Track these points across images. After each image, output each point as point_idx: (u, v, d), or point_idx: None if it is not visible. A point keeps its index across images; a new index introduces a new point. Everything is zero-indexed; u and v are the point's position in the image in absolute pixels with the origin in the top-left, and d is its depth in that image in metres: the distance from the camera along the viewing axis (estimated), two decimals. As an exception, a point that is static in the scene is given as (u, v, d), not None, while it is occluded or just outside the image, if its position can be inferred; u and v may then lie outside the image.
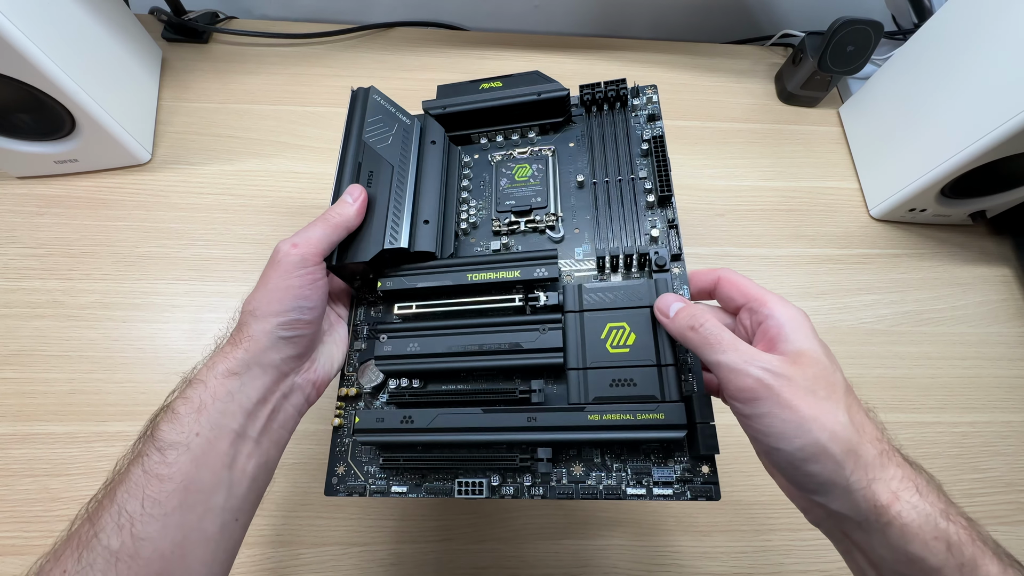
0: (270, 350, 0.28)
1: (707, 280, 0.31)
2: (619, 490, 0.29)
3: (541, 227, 0.36)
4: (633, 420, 0.28)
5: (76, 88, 0.45)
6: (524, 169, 0.38)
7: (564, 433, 0.29)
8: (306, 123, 0.59)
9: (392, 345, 0.32)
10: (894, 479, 0.22)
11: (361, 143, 0.35)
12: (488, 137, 0.40)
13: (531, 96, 0.37)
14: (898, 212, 0.58)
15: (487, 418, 0.30)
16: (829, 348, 0.26)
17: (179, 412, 0.26)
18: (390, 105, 0.37)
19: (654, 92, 0.39)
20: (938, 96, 0.52)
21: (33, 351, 0.47)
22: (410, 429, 0.30)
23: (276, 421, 0.29)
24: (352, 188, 0.33)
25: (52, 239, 0.51)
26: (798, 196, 0.60)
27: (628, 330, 0.31)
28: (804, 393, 0.23)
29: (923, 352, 0.54)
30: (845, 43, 0.58)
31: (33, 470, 0.43)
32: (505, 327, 0.31)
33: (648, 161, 0.36)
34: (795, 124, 0.65)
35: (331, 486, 0.33)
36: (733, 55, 0.70)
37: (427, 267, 0.33)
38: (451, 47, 0.66)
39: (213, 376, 0.27)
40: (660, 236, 0.34)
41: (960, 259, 0.59)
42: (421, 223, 0.34)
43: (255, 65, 0.62)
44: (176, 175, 0.55)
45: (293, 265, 0.29)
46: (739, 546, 0.45)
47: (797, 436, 0.23)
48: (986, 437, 0.51)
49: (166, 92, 0.59)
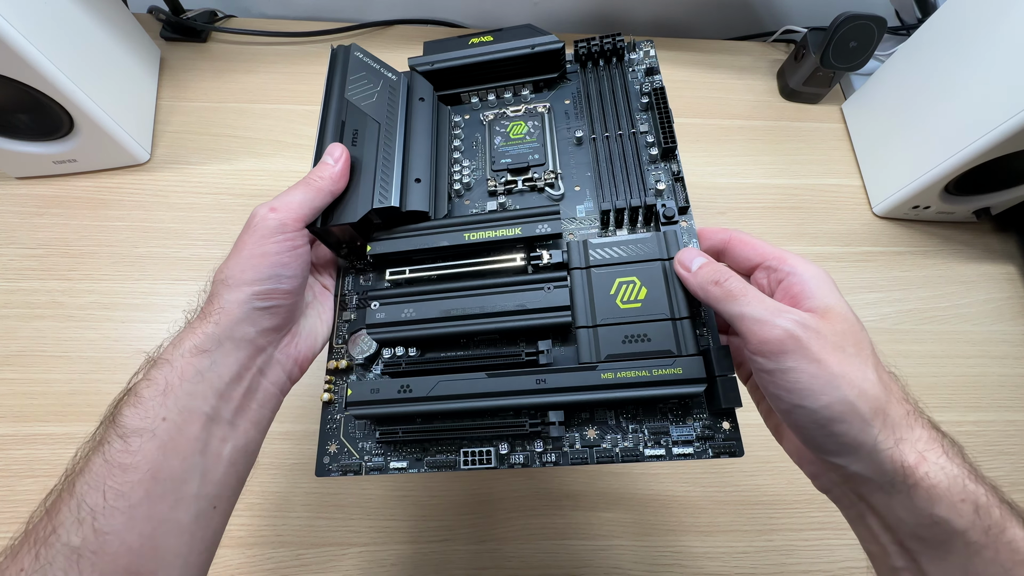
0: (244, 322, 0.26)
1: (717, 239, 0.29)
2: (637, 452, 0.28)
3: (540, 185, 0.34)
4: (649, 376, 0.27)
5: (74, 88, 0.45)
6: (519, 127, 0.36)
7: (577, 394, 0.27)
8: (305, 122, 0.59)
9: (385, 312, 0.30)
10: (920, 440, 0.21)
11: (344, 101, 0.33)
12: (479, 96, 0.38)
13: (524, 49, 0.35)
14: (901, 209, 0.57)
15: (492, 383, 0.27)
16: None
17: (143, 395, 0.24)
18: (373, 62, 0.35)
19: (651, 46, 0.38)
20: (942, 92, 0.51)
21: (33, 351, 0.47)
22: (408, 399, 0.28)
23: (254, 400, 0.27)
24: (332, 147, 0.30)
25: (51, 239, 0.51)
26: (800, 194, 0.60)
27: (639, 284, 0.29)
28: (833, 348, 0.22)
29: (927, 351, 0.54)
30: (848, 39, 0.57)
31: (33, 471, 0.43)
32: (507, 287, 0.29)
33: (649, 116, 0.35)
34: (797, 121, 0.64)
35: (323, 466, 0.30)
36: (734, 51, 0.69)
37: (420, 228, 0.31)
38: (450, 45, 0.65)
39: (180, 354, 0.25)
40: (666, 190, 0.32)
41: (964, 257, 0.58)
42: (412, 182, 0.32)
43: (254, 64, 0.62)
44: (175, 175, 0.55)
45: (270, 231, 0.27)
46: (741, 546, 0.45)
47: (825, 393, 0.21)
48: (990, 436, 0.50)
49: (164, 91, 0.59)
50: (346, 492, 0.44)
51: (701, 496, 0.46)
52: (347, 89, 0.33)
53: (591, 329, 0.29)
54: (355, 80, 0.34)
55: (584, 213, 0.33)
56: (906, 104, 0.55)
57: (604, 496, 0.46)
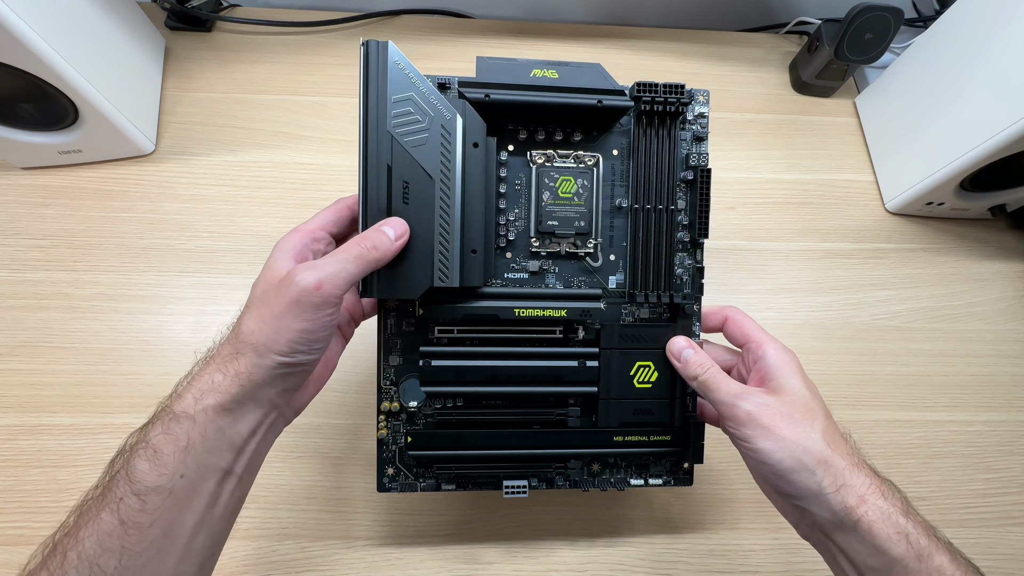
0: (267, 386, 0.26)
1: (716, 320, 0.36)
2: (625, 482, 0.38)
3: (580, 253, 0.36)
4: (647, 440, 0.36)
5: (79, 78, 0.45)
6: (569, 183, 0.35)
7: (594, 449, 0.36)
8: (310, 113, 0.58)
9: (438, 370, 0.34)
10: (862, 485, 0.26)
11: (388, 136, 0.30)
12: (528, 132, 0.35)
13: (590, 101, 0.33)
14: (915, 206, 0.56)
15: (529, 436, 0.35)
16: (814, 385, 0.31)
17: (163, 451, 0.23)
18: (420, 81, 0.30)
19: (705, 104, 0.36)
20: (960, 85, 0.50)
21: (39, 342, 0.47)
22: (461, 447, 0.34)
23: (260, 452, 0.28)
24: (396, 223, 0.29)
25: (57, 230, 0.51)
26: (811, 189, 0.59)
27: (653, 368, 0.35)
28: (782, 418, 0.28)
29: (938, 349, 0.53)
30: (863, 31, 0.56)
31: (41, 461, 0.44)
32: (546, 357, 0.34)
33: (688, 192, 0.36)
34: (809, 115, 0.63)
35: (382, 484, 0.36)
36: (746, 43, 0.68)
37: (474, 296, 0.33)
38: (458, 35, 0.64)
39: (203, 411, 0.24)
40: (688, 280, 0.36)
41: (978, 254, 0.57)
42: (469, 253, 0.32)
43: (259, 54, 0.61)
44: (180, 166, 0.55)
45: (312, 307, 0.26)
46: (747, 544, 0.45)
47: (776, 451, 0.27)
48: (1001, 436, 0.50)
49: (169, 82, 0.58)
50: (352, 486, 0.44)
51: (706, 494, 0.46)
52: (391, 119, 0.30)
53: (611, 401, 0.35)
54: (399, 106, 0.30)
55: (615, 284, 0.36)
56: (922, 98, 0.54)
57: (607, 496, 0.46)
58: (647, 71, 0.64)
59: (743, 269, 0.55)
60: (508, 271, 0.35)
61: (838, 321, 0.53)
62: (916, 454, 0.49)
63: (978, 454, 0.49)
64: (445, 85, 0.34)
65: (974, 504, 0.48)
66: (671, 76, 0.64)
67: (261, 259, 0.51)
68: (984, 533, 0.47)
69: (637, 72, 0.64)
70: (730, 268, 0.55)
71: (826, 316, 0.53)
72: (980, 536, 0.47)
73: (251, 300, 0.28)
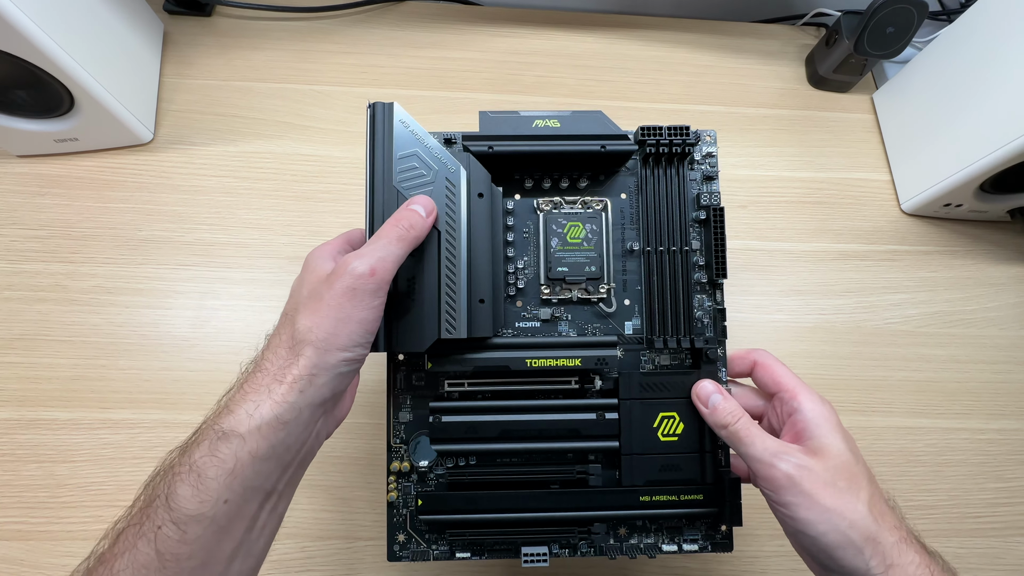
0: (325, 387, 0.24)
1: (744, 364, 0.34)
2: (656, 547, 0.34)
3: (593, 299, 0.34)
4: (677, 500, 0.32)
5: (73, 63, 0.43)
6: (577, 229, 0.35)
7: (618, 511, 0.33)
8: (312, 103, 0.57)
9: (449, 426, 0.32)
10: (911, 564, 0.24)
11: (393, 191, 0.30)
12: (534, 180, 0.35)
13: (594, 147, 0.33)
14: (932, 207, 0.55)
15: (548, 497, 0.33)
16: (854, 441, 0.29)
17: (207, 475, 0.22)
18: (424, 137, 0.31)
19: (712, 144, 0.36)
20: (985, 83, 0.48)
21: (36, 335, 0.46)
22: (475, 510, 0.32)
23: (303, 466, 0.26)
24: (423, 200, 0.29)
25: (54, 220, 0.50)
26: (825, 188, 0.58)
27: (678, 419, 0.33)
28: (824, 485, 0.26)
29: (951, 355, 0.52)
30: (885, 24, 0.54)
31: (39, 456, 0.43)
32: (562, 410, 0.32)
33: (702, 231, 0.35)
34: (825, 111, 0.61)
35: (393, 552, 0.34)
36: (761, 35, 0.66)
37: (483, 347, 0.32)
38: (464, 23, 0.63)
39: (256, 429, 0.22)
40: (708, 322, 0.35)
41: (995, 258, 0.56)
42: (476, 303, 0.31)
43: (260, 40, 0.59)
44: (178, 156, 0.53)
45: (369, 293, 0.25)
46: (751, 550, 0.44)
47: (819, 523, 0.25)
48: (1013, 445, 0.49)
49: (168, 68, 0.57)
50: (352, 485, 0.44)
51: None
52: (396, 174, 0.30)
53: (633, 456, 0.33)
54: (404, 162, 0.31)
55: (631, 330, 0.35)
56: (944, 95, 0.52)
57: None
58: (659, 63, 0.62)
59: (753, 270, 0.54)
60: (519, 320, 0.34)
61: (849, 325, 0.52)
62: (925, 462, 0.48)
63: (989, 463, 0.49)
64: (451, 140, 0.35)
65: (983, 513, 0.47)
66: (684, 68, 0.62)
67: (262, 253, 0.51)
68: (992, 543, 0.46)
69: (649, 65, 0.62)
70: (740, 268, 0.54)
71: (837, 319, 0.52)
72: (988, 546, 0.46)
73: (299, 302, 0.26)
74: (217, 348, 0.47)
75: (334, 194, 0.53)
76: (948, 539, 0.46)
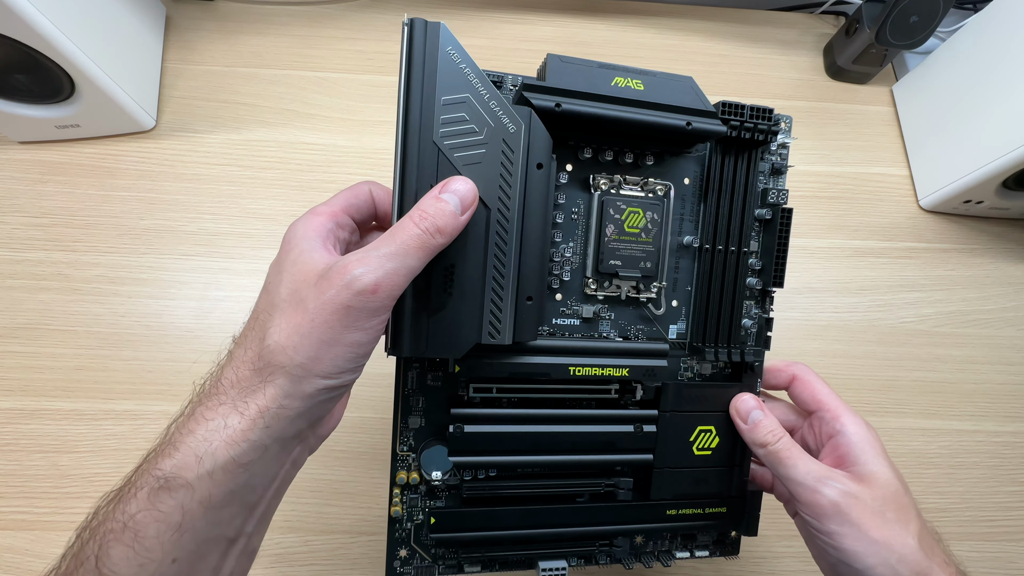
0: (300, 418, 0.20)
1: (782, 378, 0.32)
2: (670, 555, 0.33)
3: (642, 299, 0.31)
4: (702, 513, 0.32)
5: (73, 47, 0.42)
6: (637, 217, 0.29)
7: (643, 524, 0.31)
8: (317, 90, 0.55)
9: (472, 436, 0.28)
10: None
11: (434, 148, 0.23)
12: (594, 151, 0.29)
13: (678, 122, 0.27)
14: (951, 203, 0.53)
15: (574, 514, 0.31)
16: (899, 469, 0.27)
17: (146, 533, 0.17)
18: (479, 81, 0.24)
19: (787, 133, 0.32)
20: (1012, 74, 0.47)
21: (39, 325, 0.46)
22: (495, 527, 0.30)
23: (278, 496, 0.23)
24: (462, 188, 0.22)
25: (56, 208, 0.49)
26: (842, 182, 0.56)
27: (714, 434, 0.31)
28: (872, 515, 0.24)
29: (967, 356, 0.51)
30: (909, 13, 0.52)
31: (42, 446, 0.43)
32: (598, 420, 0.30)
33: (762, 234, 0.32)
34: (843, 103, 0.60)
35: (393, 569, 0.30)
36: (779, 23, 0.64)
37: (521, 350, 0.27)
38: (473, 9, 0.61)
39: (207, 471, 0.18)
40: (755, 332, 0.33)
41: (1015, 256, 0.54)
42: (524, 301, 0.26)
43: (264, 25, 0.58)
44: (181, 143, 0.52)
45: (368, 314, 0.20)
46: (760, 551, 0.44)
47: (868, 556, 0.24)
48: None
49: (170, 54, 0.56)
50: (356, 480, 0.44)
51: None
52: (438, 127, 0.23)
53: (665, 470, 0.31)
54: (451, 111, 0.23)
55: (675, 335, 0.32)
56: (968, 87, 0.51)
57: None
58: (672, 51, 0.61)
59: (766, 266, 0.53)
60: (558, 316, 0.30)
61: (864, 323, 0.51)
62: (939, 464, 0.47)
63: (1003, 466, 0.48)
64: (499, 82, 0.28)
65: (996, 517, 0.46)
66: (698, 57, 0.61)
67: (266, 243, 0.50)
68: (1005, 547, 0.46)
69: (662, 53, 0.60)
70: (752, 265, 0.52)
71: (851, 318, 0.51)
72: (1000, 550, 0.45)
73: (275, 303, 0.21)
74: (220, 339, 0.46)
75: (339, 184, 0.51)
76: (960, 543, 0.45)
